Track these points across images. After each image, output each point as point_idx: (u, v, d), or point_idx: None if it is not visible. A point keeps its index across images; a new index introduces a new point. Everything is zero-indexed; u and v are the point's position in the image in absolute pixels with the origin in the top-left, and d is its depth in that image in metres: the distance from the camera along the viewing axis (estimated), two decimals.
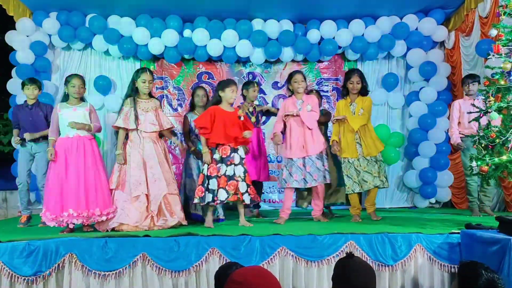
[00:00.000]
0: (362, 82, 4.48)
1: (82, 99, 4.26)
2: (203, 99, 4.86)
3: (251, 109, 5.08)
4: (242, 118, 4.19)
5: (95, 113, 4.29)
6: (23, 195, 4.75)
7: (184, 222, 4.05)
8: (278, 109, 5.10)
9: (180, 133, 6.51)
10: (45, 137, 4.77)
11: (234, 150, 4.15)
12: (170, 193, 4.02)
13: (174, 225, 3.96)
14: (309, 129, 4.35)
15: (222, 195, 4.02)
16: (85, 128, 4.09)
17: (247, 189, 4.08)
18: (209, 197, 4.06)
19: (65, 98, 4.21)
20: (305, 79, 4.50)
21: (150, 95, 4.30)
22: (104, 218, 3.89)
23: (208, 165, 4.12)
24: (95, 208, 3.87)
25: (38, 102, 4.84)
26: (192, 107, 5.00)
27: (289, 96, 4.60)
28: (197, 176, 4.59)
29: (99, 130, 4.32)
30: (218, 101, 4.24)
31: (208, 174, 4.10)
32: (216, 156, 4.13)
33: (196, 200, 4.14)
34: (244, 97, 5.20)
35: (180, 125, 6.54)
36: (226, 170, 4.07)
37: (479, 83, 4.84)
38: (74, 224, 3.88)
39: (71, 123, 4.01)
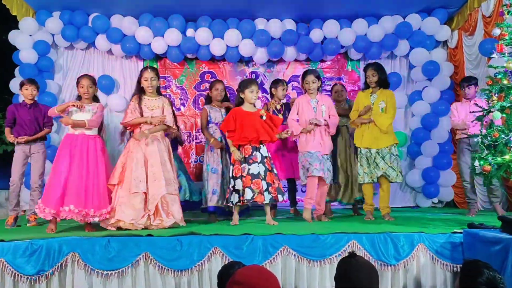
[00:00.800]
0: (378, 75, 4.45)
1: (94, 99, 4.27)
2: (222, 93, 4.80)
3: (278, 106, 5.04)
4: (264, 118, 4.20)
5: (100, 112, 4.21)
6: (14, 197, 4.74)
7: (182, 223, 4.00)
8: None
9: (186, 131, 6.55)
10: (42, 138, 4.79)
11: (256, 149, 4.15)
12: (169, 193, 3.98)
13: (171, 226, 3.93)
14: (323, 127, 4.38)
15: (248, 194, 4.02)
16: (79, 125, 4.05)
17: (267, 188, 4.07)
18: (235, 198, 4.10)
19: (79, 98, 4.25)
20: (318, 79, 4.46)
21: (159, 92, 4.28)
22: (96, 219, 3.92)
23: (234, 163, 4.16)
24: (90, 208, 3.89)
25: (36, 103, 4.85)
26: (209, 100, 4.91)
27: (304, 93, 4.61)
28: (221, 170, 4.64)
29: (96, 126, 4.18)
30: (240, 102, 4.30)
31: (234, 175, 4.14)
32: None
33: (226, 202, 4.27)
34: (272, 95, 5.17)
35: (183, 124, 6.58)
36: (249, 169, 4.08)
37: (476, 85, 4.84)
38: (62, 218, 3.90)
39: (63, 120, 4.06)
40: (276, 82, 5.20)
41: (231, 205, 4.18)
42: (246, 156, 4.13)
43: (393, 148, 4.42)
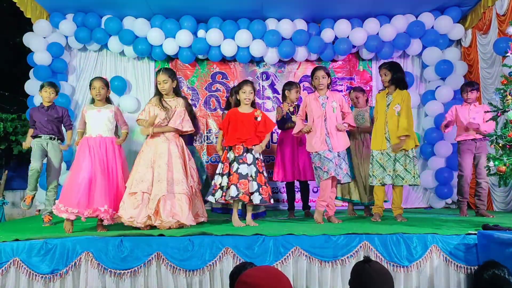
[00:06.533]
0: (391, 74, 4.35)
1: (107, 101, 4.33)
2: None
3: (291, 109, 5.03)
4: (259, 119, 4.22)
5: (121, 115, 4.39)
6: (33, 179, 4.70)
7: (189, 223, 3.95)
8: None
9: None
10: (60, 138, 4.86)
11: (247, 150, 4.19)
12: (172, 193, 3.97)
13: (179, 226, 3.93)
14: (333, 125, 4.31)
15: (233, 191, 4.07)
16: (124, 139, 4.28)
17: (258, 189, 4.10)
18: (219, 194, 4.17)
19: (92, 100, 4.34)
20: (328, 75, 4.42)
21: (176, 93, 4.29)
22: (103, 215, 3.96)
23: (224, 162, 4.22)
24: (101, 206, 3.95)
25: (54, 105, 4.94)
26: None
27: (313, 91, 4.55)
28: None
29: (127, 130, 4.42)
30: (237, 103, 4.36)
31: (222, 172, 4.21)
32: (231, 155, 4.22)
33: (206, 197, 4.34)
34: (285, 98, 5.15)
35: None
36: (238, 168, 4.12)
37: (478, 91, 4.94)
38: (105, 220, 4.00)
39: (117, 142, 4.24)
40: (289, 84, 5.20)
41: (213, 201, 4.26)
42: (237, 155, 4.17)
43: (410, 150, 4.28)
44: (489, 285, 2.23)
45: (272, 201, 4.22)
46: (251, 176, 4.13)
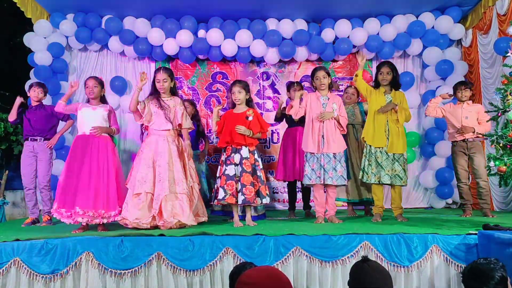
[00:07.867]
0: (393, 74, 4.38)
1: (102, 101, 4.33)
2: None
3: None
4: (250, 118, 4.21)
5: (115, 115, 4.40)
6: (29, 198, 4.86)
7: (190, 223, 3.95)
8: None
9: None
10: (46, 138, 4.88)
11: (236, 150, 4.19)
12: (174, 193, 3.97)
13: (180, 226, 3.93)
14: (330, 126, 4.30)
15: (220, 194, 4.10)
16: (107, 131, 4.22)
17: (241, 189, 4.09)
18: (214, 197, 4.22)
19: (88, 100, 4.36)
20: (328, 75, 4.41)
21: (173, 93, 4.29)
22: (105, 220, 3.98)
23: (220, 165, 4.25)
24: (101, 209, 3.96)
25: (42, 104, 4.98)
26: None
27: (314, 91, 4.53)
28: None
29: (117, 132, 4.42)
30: (234, 105, 4.37)
31: (219, 174, 4.23)
32: (223, 156, 4.25)
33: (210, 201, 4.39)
34: (290, 99, 5.23)
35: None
36: (225, 170, 4.15)
37: (471, 90, 4.92)
38: (81, 222, 3.96)
39: (95, 129, 4.13)
40: (288, 85, 5.28)
41: (212, 203, 4.33)
42: (226, 156, 4.20)
43: (404, 152, 4.37)
44: (471, 275, 2.24)
45: (259, 201, 4.17)
46: (237, 176, 4.13)
